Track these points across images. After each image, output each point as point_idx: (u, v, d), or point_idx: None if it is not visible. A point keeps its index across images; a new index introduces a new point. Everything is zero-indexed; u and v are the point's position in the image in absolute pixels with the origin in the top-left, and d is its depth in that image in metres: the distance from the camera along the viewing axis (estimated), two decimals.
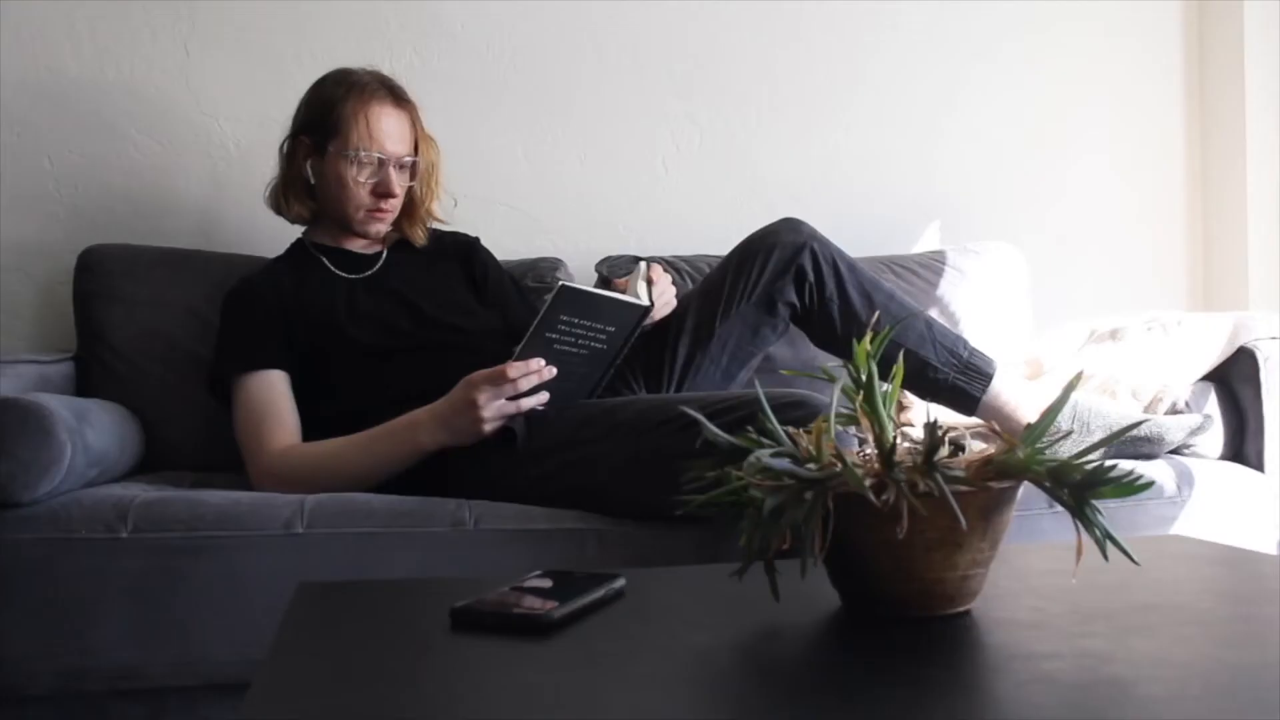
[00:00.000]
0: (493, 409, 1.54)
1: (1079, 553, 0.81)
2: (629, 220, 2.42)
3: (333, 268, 1.87)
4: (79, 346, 1.98)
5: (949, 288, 2.31)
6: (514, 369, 1.53)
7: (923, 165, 2.58)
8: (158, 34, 2.20)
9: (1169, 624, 0.81)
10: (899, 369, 0.88)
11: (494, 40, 2.36)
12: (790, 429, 0.88)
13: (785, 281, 1.75)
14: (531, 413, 1.58)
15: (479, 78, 2.35)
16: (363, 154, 1.80)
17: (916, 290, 2.27)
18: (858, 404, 0.85)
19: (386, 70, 1.90)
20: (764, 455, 0.83)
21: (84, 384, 1.94)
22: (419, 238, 1.94)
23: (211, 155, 2.23)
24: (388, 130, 1.82)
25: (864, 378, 0.85)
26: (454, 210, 2.01)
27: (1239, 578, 1.01)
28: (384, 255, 1.92)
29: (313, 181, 1.86)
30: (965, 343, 1.78)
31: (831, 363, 1.71)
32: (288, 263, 1.90)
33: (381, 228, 1.88)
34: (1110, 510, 0.79)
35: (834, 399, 0.87)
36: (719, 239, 2.33)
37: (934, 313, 2.26)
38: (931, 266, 2.34)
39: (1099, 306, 2.52)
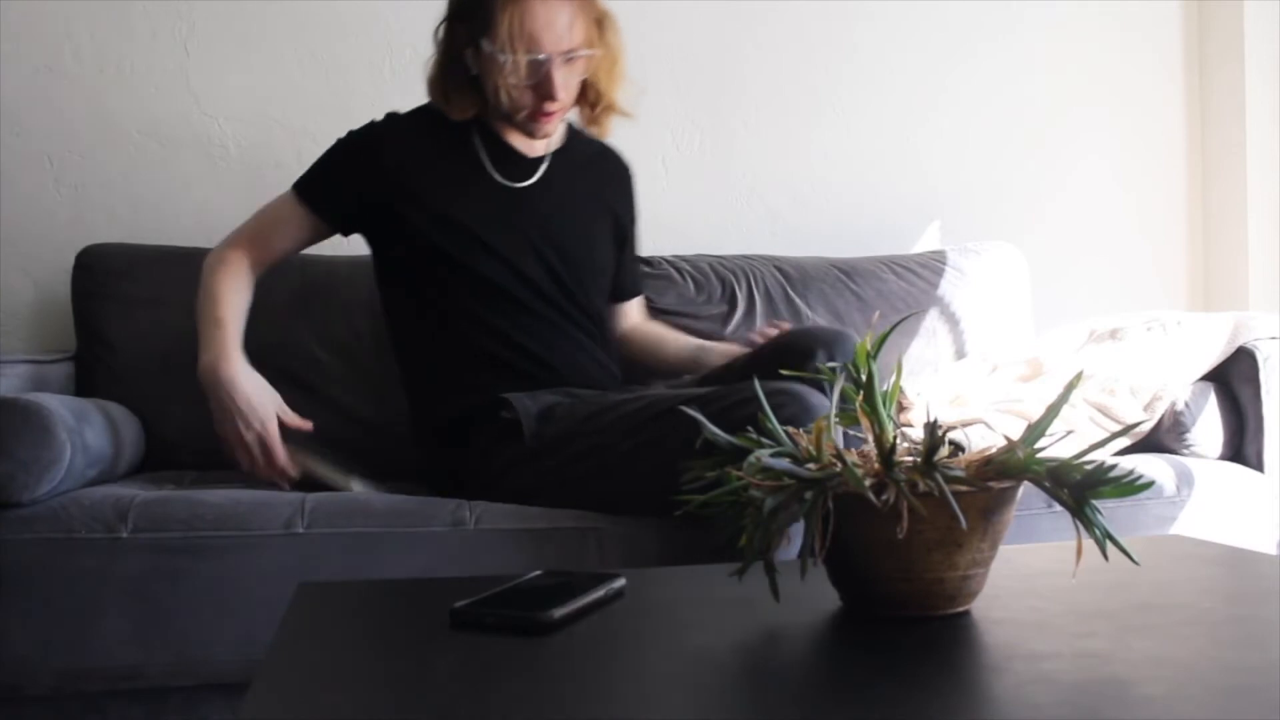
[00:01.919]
0: (242, 454, 1.60)
1: (1079, 553, 0.82)
2: None
3: (489, 164, 1.71)
4: (78, 346, 1.98)
5: (949, 288, 2.31)
6: (280, 469, 1.60)
7: (923, 165, 2.58)
8: (158, 34, 2.20)
9: (1169, 624, 0.81)
10: (899, 368, 0.88)
11: None
12: (790, 428, 0.88)
13: None
14: (538, 410, 1.58)
15: None
16: (516, 56, 1.58)
17: (917, 290, 2.27)
18: (858, 404, 0.85)
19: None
20: (764, 455, 0.83)
21: (84, 384, 1.93)
22: (592, 138, 1.78)
23: (211, 155, 2.22)
24: (545, 22, 1.58)
25: (864, 378, 0.85)
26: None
27: (1239, 578, 1.01)
28: (544, 166, 1.75)
29: (474, 73, 1.67)
30: None
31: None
32: (433, 127, 1.72)
33: (550, 128, 1.70)
34: (1110, 510, 0.79)
35: (834, 398, 0.87)
36: (719, 239, 2.34)
37: (934, 313, 2.26)
38: (931, 266, 2.34)
39: (1099, 306, 2.52)
